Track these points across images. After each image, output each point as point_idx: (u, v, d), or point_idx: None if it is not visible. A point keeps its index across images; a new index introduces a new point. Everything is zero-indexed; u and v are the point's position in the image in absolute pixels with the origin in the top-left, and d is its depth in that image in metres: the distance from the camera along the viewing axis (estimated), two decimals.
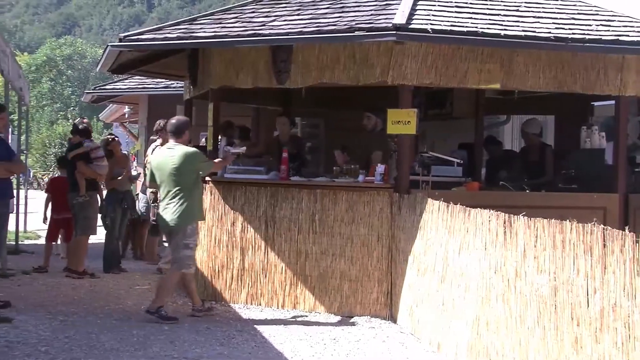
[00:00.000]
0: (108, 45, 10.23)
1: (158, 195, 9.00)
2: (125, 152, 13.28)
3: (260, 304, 9.20)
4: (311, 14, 9.24)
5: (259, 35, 8.86)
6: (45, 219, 12.50)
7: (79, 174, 10.81)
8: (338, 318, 8.72)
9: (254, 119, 14.07)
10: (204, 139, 11.41)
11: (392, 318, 8.63)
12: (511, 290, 5.72)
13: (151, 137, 13.05)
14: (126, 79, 17.82)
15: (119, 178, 11.59)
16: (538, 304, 5.27)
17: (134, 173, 13.28)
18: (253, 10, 9.85)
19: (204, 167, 8.49)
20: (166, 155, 8.38)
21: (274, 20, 9.25)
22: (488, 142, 11.67)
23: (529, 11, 9.17)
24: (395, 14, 8.49)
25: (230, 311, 8.87)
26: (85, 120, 12.00)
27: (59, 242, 12.71)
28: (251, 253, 9.26)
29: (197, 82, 10.41)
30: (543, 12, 9.21)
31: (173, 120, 8.54)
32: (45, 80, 79.08)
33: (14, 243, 13.28)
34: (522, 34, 8.41)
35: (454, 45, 8.67)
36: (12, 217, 11.11)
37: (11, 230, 12.23)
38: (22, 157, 14.03)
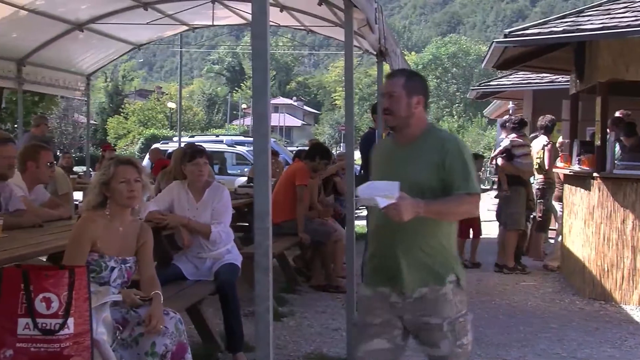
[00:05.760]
0: (493, 42, 10.38)
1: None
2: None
3: None
4: None
5: None
6: None
7: (500, 169, 11.14)
8: None
9: None
10: (589, 135, 11.08)
11: None
12: None
13: (532, 134, 12.99)
14: (510, 74, 17.89)
15: None
16: None
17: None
18: None
19: None
20: None
21: None
22: None
23: None
24: None
25: (621, 312, 8.55)
26: (514, 117, 11.99)
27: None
28: None
29: (584, 76, 10.15)
30: None
31: None
32: (431, 78, 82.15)
33: None
34: None
35: None
36: None
37: None
38: None
